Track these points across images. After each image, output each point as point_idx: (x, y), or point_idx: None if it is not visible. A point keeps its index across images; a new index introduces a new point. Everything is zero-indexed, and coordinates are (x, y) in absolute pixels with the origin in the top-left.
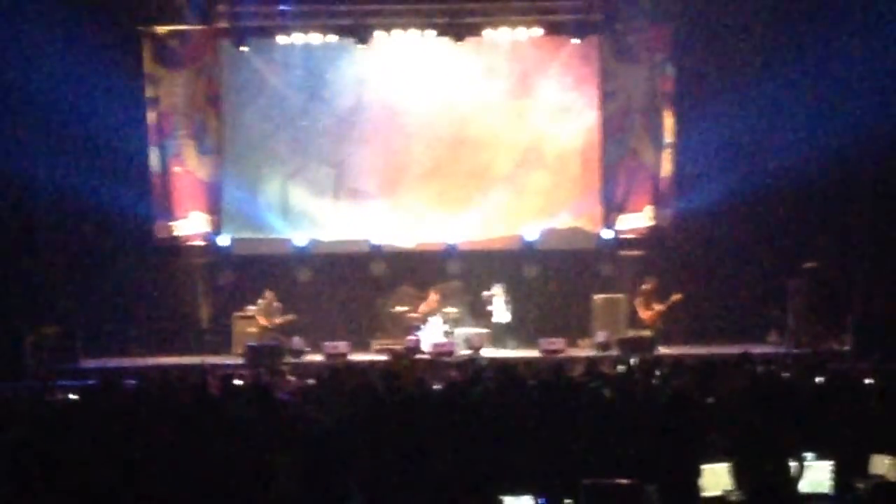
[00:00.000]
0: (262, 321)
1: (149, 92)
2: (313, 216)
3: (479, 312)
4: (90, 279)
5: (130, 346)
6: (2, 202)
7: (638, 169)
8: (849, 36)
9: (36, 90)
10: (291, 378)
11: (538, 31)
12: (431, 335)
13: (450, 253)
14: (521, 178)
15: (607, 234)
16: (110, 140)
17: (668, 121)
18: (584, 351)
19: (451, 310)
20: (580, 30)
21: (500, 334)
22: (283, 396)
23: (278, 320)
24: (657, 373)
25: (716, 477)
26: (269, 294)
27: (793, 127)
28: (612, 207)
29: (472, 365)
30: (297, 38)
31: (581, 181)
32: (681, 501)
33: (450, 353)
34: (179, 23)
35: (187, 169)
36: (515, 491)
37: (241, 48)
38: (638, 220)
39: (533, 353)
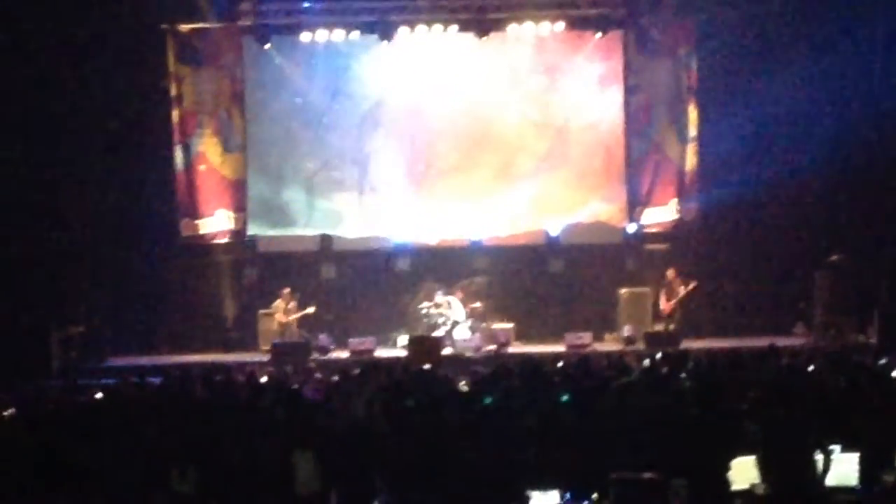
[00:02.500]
0: (281, 317)
1: (173, 90)
2: (338, 213)
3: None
4: (116, 278)
5: (156, 344)
6: (28, 201)
7: (662, 162)
8: (874, 25)
9: (61, 89)
10: (318, 375)
11: (561, 26)
12: (457, 331)
13: (475, 249)
14: (545, 173)
15: (632, 228)
16: (135, 138)
17: (693, 114)
18: (609, 345)
19: (476, 305)
20: (603, 24)
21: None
22: (308, 394)
23: (296, 315)
24: (684, 366)
25: (742, 470)
26: (285, 291)
27: (817, 118)
28: (637, 201)
29: (498, 360)
30: (321, 36)
31: (605, 175)
32: (710, 495)
33: (476, 349)
34: (203, 21)
35: (212, 167)
36: (542, 486)
37: (265, 46)
38: (663, 213)
39: (559, 348)
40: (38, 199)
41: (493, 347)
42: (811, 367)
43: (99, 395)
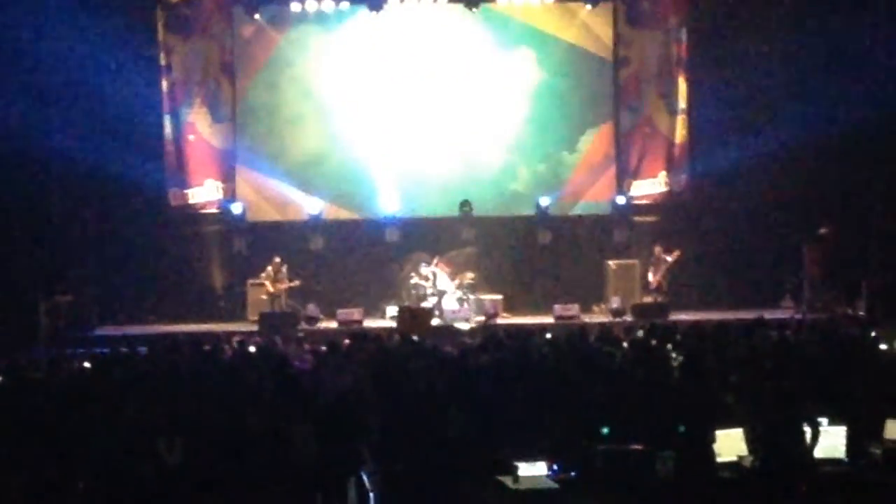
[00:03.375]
0: (270, 287)
1: (162, 60)
2: (327, 183)
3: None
4: (104, 247)
5: (145, 313)
6: (17, 171)
7: (652, 135)
8: (864, 2)
9: (50, 59)
10: (306, 345)
11: None
12: (446, 302)
13: (463, 220)
14: (533, 144)
15: (621, 200)
16: (124, 108)
17: (682, 86)
18: (598, 317)
19: (466, 276)
20: None
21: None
22: (297, 364)
23: (285, 285)
24: (672, 339)
25: (730, 442)
26: (276, 261)
27: (807, 91)
28: (627, 173)
29: (487, 331)
30: (310, 5)
31: (595, 147)
32: (695, 466)
33: (464, 320)
34: None
35: (201, 137)
36: (529, 457)
37: (255, 16)
38: (652, 185)
39: (547, 320)
40: (26, 168)
41: (481, 318)
42: (799, 340)
43: (86, 365)
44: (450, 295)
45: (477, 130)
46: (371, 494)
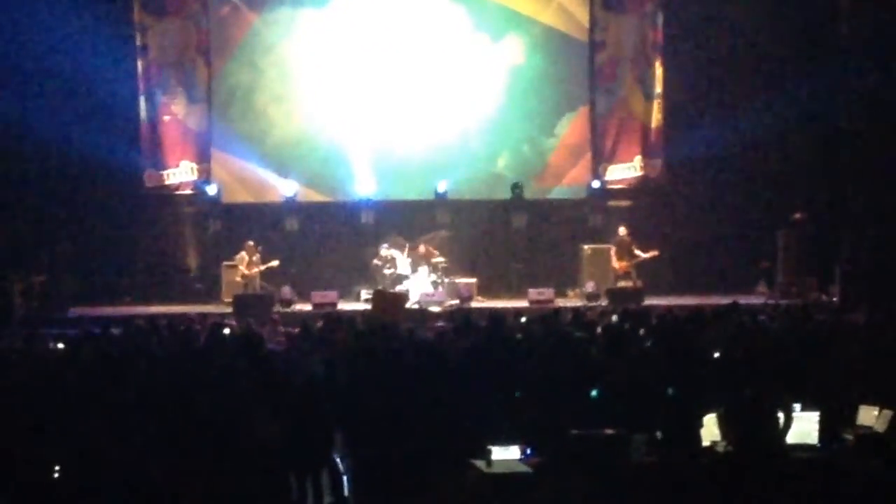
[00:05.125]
0: (244, 269)
1: (138, 40)
2: (302, 166)
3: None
4: (79, 228)
5: (119, 294)
6: None
7: (628, 119)
8: None
9: (25, 39)
10: (281, 328)
11: None
12: (420, 285)
13: (438, 203)
14: (510, 127)
15: (596, 185)
16: (100, 89)
17: (658, 71)
18: (572, 301)
19: (440, 259)
20: None
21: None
22: (271, 346)
23: (260, 268)
24: (646, 323)
25: (703, 427)
26: (249, 244)
27: (782, 77)
28: (602, 157)
29: (461, 315)
30: None
31: (572, 132)
32: (674, 451)
33: (438, 303)
34: None
35: (176, 118)
36: (503, 441)
37: None
38: (627, 170)
39: (522, 303)
40: (0, 148)
41: (455, 302)
42: (772, 326)
43: (60, 346)
44: (421, 278)
45: (453, 113)
46: (344, 477)
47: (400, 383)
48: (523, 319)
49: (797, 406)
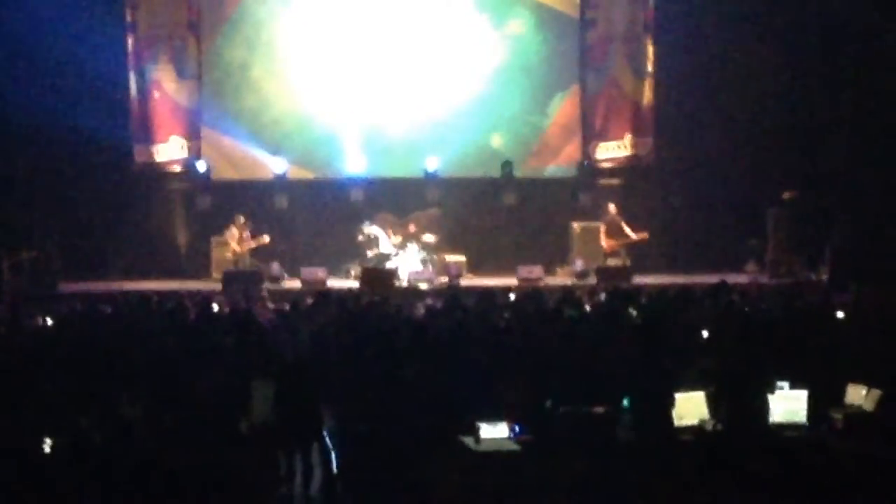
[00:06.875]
0: (234, 246)
1: (128, 16)
2: (292, 143)
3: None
4: (69, 204)
5: (108, 270)
6: None
7: (618, 97)
8: None
9: (14, 15)
10: (270, 304)
11: None
12: (409, 263)
13: (428, 181)
14: (502, 104)
15: (587, 163)
16: (89, 64)
17: (650, 50)
18: (562, 279)
19: (429, 237)
20: None
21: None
22: (262, 322)
23: (251, 244)
24: (635, 302)
25: (692, 406)
26: (240, 218)
27: (774, 57)
28: (592, 136)
29: (450, 292)
30: None
31: (565, 111)
32: (654, 429)
33: (428, 281)
34: None
35: (166, 94)
36: (491, 418)
37: None
38: (618, 148)
39: (511, 281)
40: None
41: (444, 279)
42: (762, 305)
43: (49, 322)
44: (410, 256)
45: (445, 91)
46: (333, 454)
47: (389, 360)
48: (512, 297)
49: (785, 384)
